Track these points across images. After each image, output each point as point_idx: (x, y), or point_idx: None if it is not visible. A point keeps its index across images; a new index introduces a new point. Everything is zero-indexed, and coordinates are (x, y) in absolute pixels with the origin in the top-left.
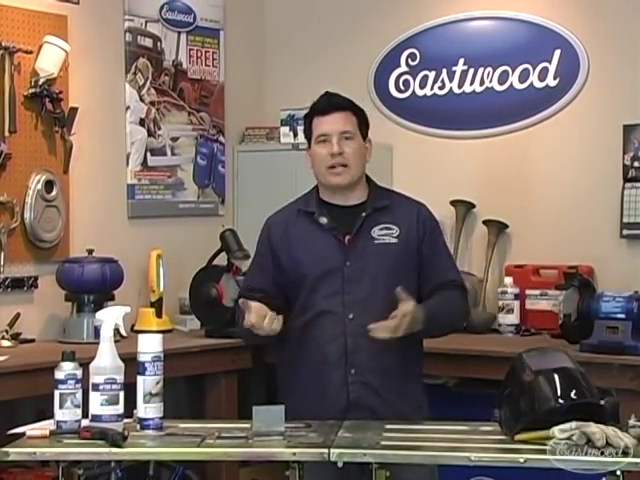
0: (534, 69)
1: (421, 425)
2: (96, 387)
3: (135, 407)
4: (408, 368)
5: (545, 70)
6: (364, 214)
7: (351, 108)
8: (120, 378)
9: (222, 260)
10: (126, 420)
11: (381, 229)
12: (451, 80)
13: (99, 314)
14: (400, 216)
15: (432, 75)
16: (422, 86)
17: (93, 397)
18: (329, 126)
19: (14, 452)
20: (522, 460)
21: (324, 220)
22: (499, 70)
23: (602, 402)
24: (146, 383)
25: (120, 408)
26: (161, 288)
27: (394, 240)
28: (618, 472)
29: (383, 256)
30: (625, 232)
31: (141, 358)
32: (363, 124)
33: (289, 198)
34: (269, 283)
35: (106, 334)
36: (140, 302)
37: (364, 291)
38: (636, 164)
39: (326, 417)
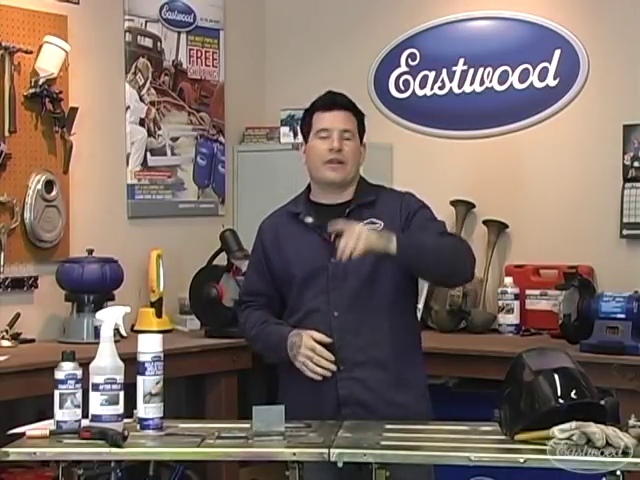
0: (534, 69)
1: (421, 425)
2: (96, 387)
3: (135, 407)
4: (404, 359)
5: (545, 70)
6: (347, 210)
7: (353, 109)
8: (120, 378)
9: (222, 260)
10: (126, 420)
11: (365, 224)
12: (451, 80)
13: (99, 314)
14: (384, 209)
15: (432, 75)
16: (422, 86)
17: (93, 397)
18: (331, 122)
19: (14, 452)
20: (522, 460)
21: (309, 220)
22: (499, 70)
23: (602, 402)
24: (146, 383)
25: (120, 408)
26: (161, 288)
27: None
28: (618, 472)
29: None
30: (625, 232)
31: (141, 358)
32: (361, 127)
33: (289, 198)
34: (269, 286)
35: (106, 334)
36: (140, 302)
37: (349, 288)
38: (636, 164)
39: (320, 415)
